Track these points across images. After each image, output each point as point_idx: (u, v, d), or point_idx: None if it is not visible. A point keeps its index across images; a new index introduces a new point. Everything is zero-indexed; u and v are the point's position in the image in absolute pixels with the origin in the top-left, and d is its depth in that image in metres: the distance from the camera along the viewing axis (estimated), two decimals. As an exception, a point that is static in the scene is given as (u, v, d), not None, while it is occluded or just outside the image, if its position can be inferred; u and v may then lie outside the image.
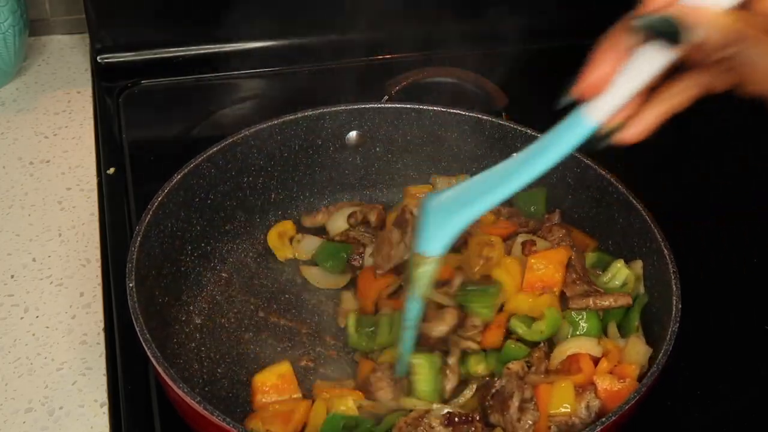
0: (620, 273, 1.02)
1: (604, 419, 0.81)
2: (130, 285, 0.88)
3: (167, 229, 1.01)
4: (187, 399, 0.80)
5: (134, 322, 0.85)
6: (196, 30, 1.48)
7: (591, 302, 0.98)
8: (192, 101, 1.42)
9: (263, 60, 1.50)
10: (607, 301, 0.98)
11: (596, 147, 0.77)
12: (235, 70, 1.49)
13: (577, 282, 1.01)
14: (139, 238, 0.93)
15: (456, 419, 0.87)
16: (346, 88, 1.29)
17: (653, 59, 0.73)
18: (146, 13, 1.45)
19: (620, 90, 0.74)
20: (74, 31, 1.58)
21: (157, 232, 0.99)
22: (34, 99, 1.42)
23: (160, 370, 0.82)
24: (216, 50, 1.49)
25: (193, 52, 1.48)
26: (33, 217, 1.19)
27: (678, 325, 0.89)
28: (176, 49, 1.48)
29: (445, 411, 0.88)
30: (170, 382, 0.81)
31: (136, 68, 1.45)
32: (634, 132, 0.77)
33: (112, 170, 1.25)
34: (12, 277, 1.09)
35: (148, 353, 0.83)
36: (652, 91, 0.76)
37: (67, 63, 1.52)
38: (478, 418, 0.88)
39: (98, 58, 1.45)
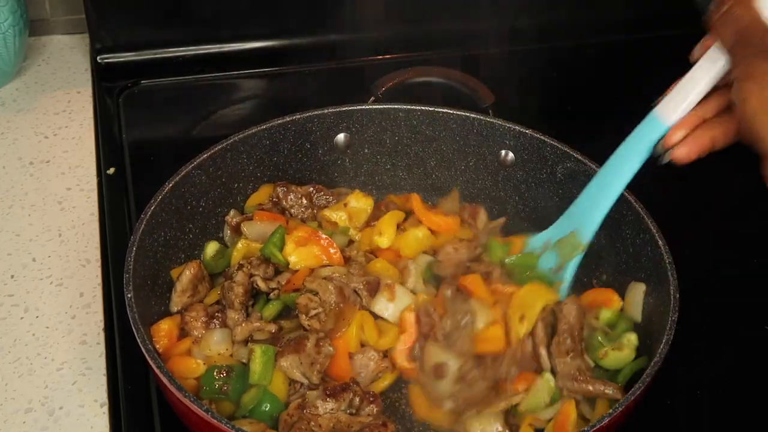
0: (628, 348, 0.96)
1: (606, 416, 0.81)
2: (129, 296, 0.89)
3: (161, 238, 1.01)
4: (193, 407, 0.80)
5: (135, 333, 0.85)
6: (196, 30, 1.48)
7: (577, 386, 0.92)
8: (192, 101, 1.42)
9: (263, 60, 1.50)
10: (594, 390, 0.92)
11: (658, 161, 0.89)
12: (235, 70, 1.49)
13: (570, 352, 0.94)
14: (134, 248, 0.93)
15: (334, 390, 0.89)
16: (342, 89, 1.29)
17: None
18: (146, 13, 1.45)
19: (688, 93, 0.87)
20: (74, 31, 1.58)
21: (151, 241, 0.99)
22: (34, 99, 1.42)
23: (164, 380, 0.82)
24: (216, 50, 1.49)
25: (193, 52, 1.48)
26: (33, 217, 1.19)
27: (677, 315, 0.89)
28: (176, 49, 1.48)
29: (321, 387, 0.90)
30: (174, 391, 0.81)
31: (136, 68, 1.45)
32: (683, 152, 0.85)
33: (112, 170, 1.25)
34: (12, 277, 1.09)
35: (151, 363, 0.83)
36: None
37: (67, 63, 1.52)
38: (354, 383, 0.90)
39: (98, 58, 1.45)
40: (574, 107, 1.42)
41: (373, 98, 1.25)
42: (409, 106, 1.16)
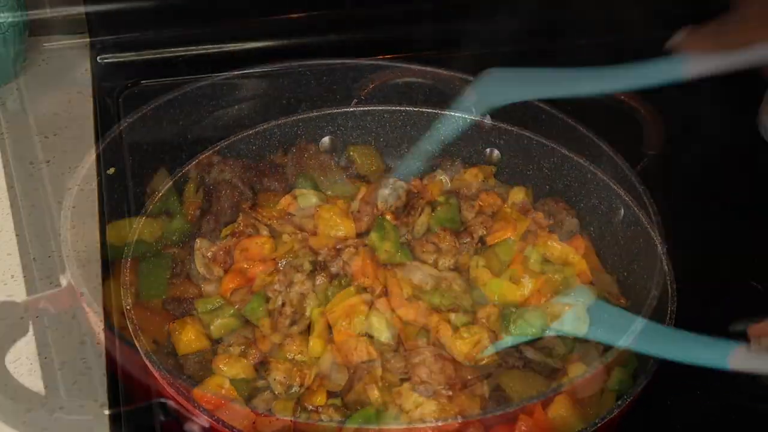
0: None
1: (608, 414, 0.81)
2: (127, 307, 0.89)
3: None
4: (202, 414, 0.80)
5: (136, 343, 0.86)
6: (196, 30, 1.48)
7: None
8: (192, 101, 1.42)
9: (263, 60, 1.50)
10: None
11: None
12: (235, 70, 1.49)
13: None
14: (129, 260, 0.94)
15: None
16: (343, 89, 1.29)
17: None
18: (146, 13, 1.45)
19: None
20: (74, 31, 1.57)
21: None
22: (34, 99, 1.42)
23: (169, 388, 0.82)
24: (216, 50, 1.49)
25: (193, 52, 1.48)
26: (33, 217, 1.19)
27: (675, 305, 0.89)
28: (176, 49, 1.48)
29: None
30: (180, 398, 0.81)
31: (136, 68, 1.45)
32: None
33: (112, 170, 1.25)
34: (12, 277, 1.09)
35: (154, 371, 0.83)
36: None
37: (67, 63, 1.52)
38: None
39: (98, 58, 1.45)
40: (559, 106, 1.42)
41: (355, 100, 1.26)
42: (392, 108, 1.17)
